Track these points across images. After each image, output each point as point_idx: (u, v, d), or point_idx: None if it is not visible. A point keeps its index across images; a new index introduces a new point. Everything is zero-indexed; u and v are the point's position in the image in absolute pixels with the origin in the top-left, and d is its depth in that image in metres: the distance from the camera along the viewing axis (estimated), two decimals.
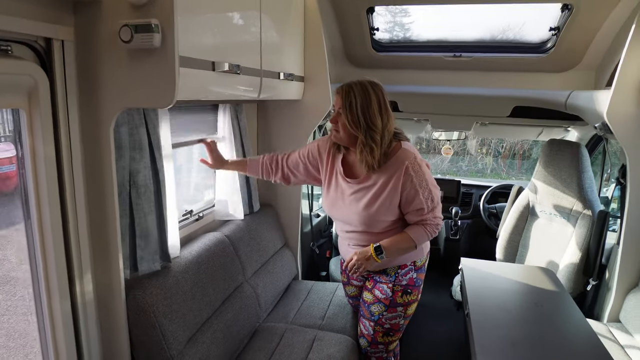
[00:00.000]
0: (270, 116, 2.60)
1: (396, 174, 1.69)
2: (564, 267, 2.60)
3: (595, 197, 2.65)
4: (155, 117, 1.63)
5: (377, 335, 1.90)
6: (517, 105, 2.78)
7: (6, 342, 1.36)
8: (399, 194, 1.71)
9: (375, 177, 1.73)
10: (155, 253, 1.64)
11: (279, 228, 2.64)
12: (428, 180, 1.72)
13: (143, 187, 1.57)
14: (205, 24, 1.47)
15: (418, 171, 1.70)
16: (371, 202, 1.74)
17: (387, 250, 1.74)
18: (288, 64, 2.22)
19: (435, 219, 1.77)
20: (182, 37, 1.31)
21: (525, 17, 2.66)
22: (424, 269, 1.94)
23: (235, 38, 1.68)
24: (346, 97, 1.67)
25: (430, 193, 1.73)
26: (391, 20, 3.06)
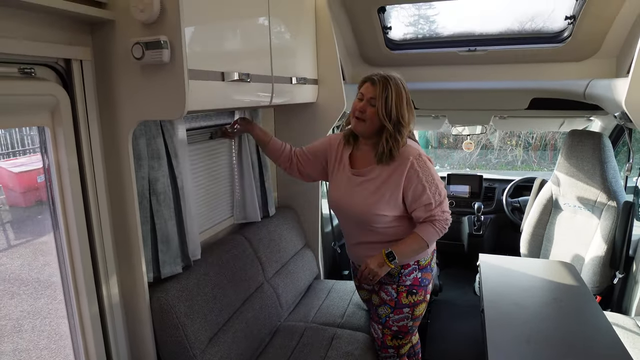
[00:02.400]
0: (287, 119, 2.66)
1: (399, 169, 1.72)
2: (589, 260, 2.55)
3: (620, 187, 2.58)
4: (172, 127, 1.71)
5: (386, 338, 1.90)
6: (535, 97, 2.73)
7: (48, 344, 1.46)
8: (401, 189, 1.73)
9: (379, 170, 1.76)
10: (176, 257, 1.72)
11: (299, 229, 2.70)
12: (434, 175, 1.73)
13: (162, 195, 1.65)
14: (214, 36, 1.54)
15: (424, 167, 1.71)
16: (373, 194, 1.76)
17: (399, 254, 1.74)
18: (300, 68, 2.27)
19: (444, 213, 1.76)
20: (191, 51, 1.38)
21: (540, 7, 2.62)
22: (430, 269, 1.90)
23: (245, 46, 1.74)
24: (383, 89, 1.70)
25: (437, 188, 1.73)
26: (405, 18, 3.06)
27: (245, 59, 1.74)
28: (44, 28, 1.28)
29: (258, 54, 1.85)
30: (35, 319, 1.46)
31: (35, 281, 1.50)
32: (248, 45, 1.77)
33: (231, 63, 1.62)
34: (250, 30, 1.79)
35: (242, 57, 1.72)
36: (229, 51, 1.63)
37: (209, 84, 1.49)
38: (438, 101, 3.07)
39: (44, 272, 1.50)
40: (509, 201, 3.55)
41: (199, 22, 1.45)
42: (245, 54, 1.74)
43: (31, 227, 1.64)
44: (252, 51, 1.80)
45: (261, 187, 2.42)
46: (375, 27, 2.76)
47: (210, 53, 1.52)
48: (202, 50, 1.47)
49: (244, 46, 1.74)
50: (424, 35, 3.05)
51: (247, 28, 1.76)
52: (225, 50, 1.60)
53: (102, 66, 1.45)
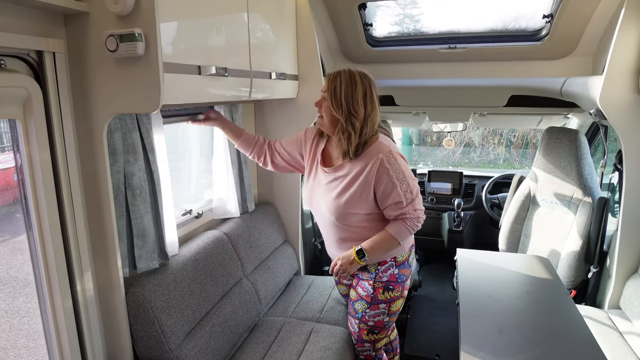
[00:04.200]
0: (267, 115, 2.66)
1: (369, 166, 1.69)
2: (565, 255, 2.59)
3: (596, 184, 2.63)
4: (148, 121, 1.69)
5: (362, 333, 1.91)
6: (513, 94, 2.78)
7: (27, 342, 1.44)
8: (372, 187, 1.71)
9: (349, 167, 1.75)
10: (153, 252, 1.71)
11: (279, 225, 2.70)
12: (405, 172, 1.71)
13: (138, 189, 1.64)
14: (190, 30, 1.53)
15: (394, 164, 1.69)
16: (342, 192, 1.75)
17: (369, 251, 1.75)
18: (280, 63, 2.27)
19: (416, 211, 1.73)
20: (167, 44, 1.37)
21: (518, 5, 2.65)
22: (408, 265, 1.89)
23: (222, 41, 1.74)
24: (332, 81, 1.72)
25: (409, 185, 1.70)
26: (388, 17, 3.07)
27: (222, 53, 1.73)
28: (15, 19, 1.26)
29: (236, 48, 1.84)
30: (14, 318, 1.43)
31: (14, 280, 1.47)
32: (226, 40, 1.76)
33: (208, 57, 1.61)
34: (229, 24, 1.78)
35: (219, 51, 1.71)
36: (206, 45, 1.62)
37: (185, 78, 1.48)
38: (418, 98, 3.10)
39: (22, 270, 1.47)
40: (488, 197, 3.61)
41: (175, 14, 1.44)
42: (222, 48, 1.74)
43: (9, 225, 1.61)
44: (230, 45, 1.79)
45: (240, 183, 2.41)
46: (356, 24, 2.77)
47: (186, 46, 1.50)
48: (178, 43, 1.46)
49: (222, 40, 1.73)
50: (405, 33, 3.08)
51: (225, 22, 1.76)
52: (202, 44, 1.59)
53: (76, 59, 1.44)
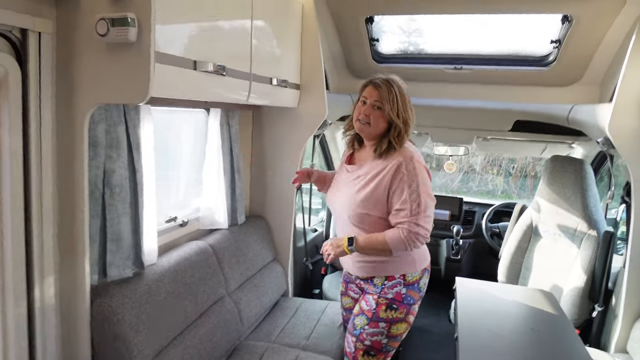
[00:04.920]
0: (265, 123, 2.54)
1: (387, 168, 1.68)
2: (568, 291, 2.46)
3: (601, 217, 2.53)
4: (137, 115, 1.57)
5: (357, 353, 1.77)
6: (518, 119, 2.70)
7: None
8: (387, 190, 1.67)
9: (369, 166, 1.75)
10: (127, 258, 1.55)
11: (269, 241, 2.55)
12: (420, 183, 1.65)
13: (118, 188, 1.50)
14: (189, 22, 1.43)
15: (412, 171, 1.65)
16: (361, 189, 1.73)
17: (359, 244, 1.71)
18: (282, 70, 2.17)
19: (417, 227, 1.63)
20: (161, 33, 1.27)
21: (527, 29, 2.62)
22: (418, 288, 1.79)
23: (223, 38, 1.63)
24: (388, 91, 1.71)
25: (419, 197, 1.64)
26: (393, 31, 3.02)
27: (222, 50, 1.62)
28: None
29: (237, 48, 1.73)
30: None
31: None
32: (227, 37, 1.66)
33: (206, 52, 1.50)
34: (231, 22, 1.68)
35: (219, 48, 1.60)
36: (205, 40, 1.51)
37: (178, 71, 1.37)
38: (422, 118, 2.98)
39: None
40: (488, 226, 3.48)
41: (173, 3, 1.34)
42: (222, 46, 1.63)
43: None
44: (231, 44, 1.69)
45: (231, 192, 2.28)
46: (363, 38, 2.70)
47: (183, 38, 1.40)
48: (173, 33, 1.35)
49: (222, 37, 1.63)
50: (412, 51, 3.02)
51: (228, 19, 1.66)
52: (200, 38, 1.48)
53: (64, 41, 1.33)
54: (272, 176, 2.56)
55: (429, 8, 2.48)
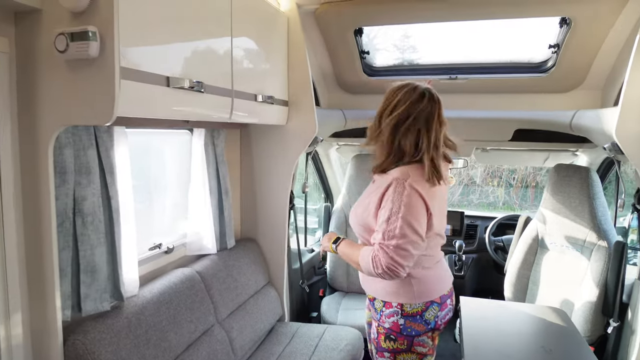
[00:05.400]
0: (254, 142, 2.46)
1: (383, 185, 1.56)
2: (580, 306, 2.33)
3: (610, 226, 2.41)
4: (110, 138, 1.48)
5: None
6: (518, 128, 2.60)
7: None
8: (375, 209, 1.56)
9: (377, 181, 1.66)
10: (104, 291, 1.45)
11: (262, 264, 2.44)
12: (403, 209, 1.46)
13: (90, 216, 1.40)
14: (160, 34, 1.34)
15: (399, 193, 1.48)
16: (360, 204, 1.68)
17: (340, 246, 1.70)
18: (267, 85, 2.09)
19: (386, 256, 1.44)
20: (127, 46, 1.19)
21: (524, 35, 2.54)
22: (424, 320, 1.62)
23: (199, 52, 1.55)
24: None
25: (397, 221, 1.45)
26: (384, 42, 2.96)
27: (199, 65, 1.54)
28: None
29: (216, 62, 1.65)
30: None
31: None
32: (204, 51, 1.58)
33: (181, 68, 1.42)
34: (208, 34, 1.60)
35: (195, 63, 1.52)
36: (180, 55, 1.43)
37: (148, 88, 1.28)
38: None
39: None
40: (491, 240, 3.35)
41: (141, 14, 1.26)
42: (199, 60, 1.55)
43: None
44: (209, 58, 1.61)
45: (219, 215, 2.18)
46: (352, 51, 2.63)
47: (153, 53, 1.32)
48: (142, 48, 1.27)
49: (199, 51, 1.55)
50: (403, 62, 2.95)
51: (204, 31, 1.58)
52: (174, 53, 1.41)
53: (24, 61, 1.26)
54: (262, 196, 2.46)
55: (419, 17, 2.41)
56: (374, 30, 2.79)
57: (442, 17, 2.37)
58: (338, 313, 2.78)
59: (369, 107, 2.98)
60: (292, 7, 2.25)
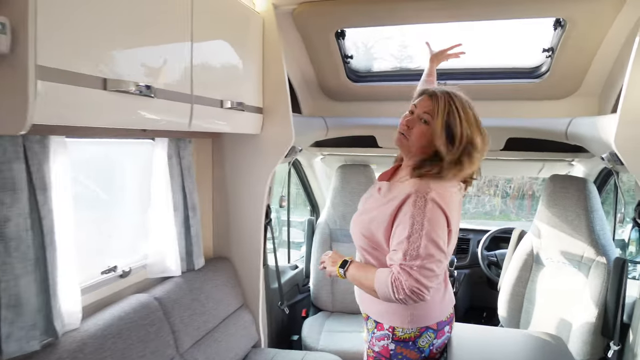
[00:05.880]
0: (227, 153, 2.27)
1: (397, 198, 1.41)
2: (578, 327, 2.17)
3: (609, 241, 2.26)
4: (42, 149, 1.29)
5: None
6: (510, 136, 2.44)
7: None
8: (390, 222, 1.40)
9: (386, 189, 1.51)
10: (32, 327, 1.24)
11: (235, 285, 2.24)
12: (426, 226, 1.32)
13: (15, 241, 1.20)
14: (96, 30, 1.15)
15: (420, 208, 1.34)
16: (371, 209, 1.50)
17: (350, 270, 1.50)
18: (238, 91, 1.91)
19: (408, 277, 1.30)
20: (48, 42, 1.00)
21: (516, 38, 2.42)
22: (417, 348, 1.49)
23: (149, 53, 1.36)
24: (447, 103, 1.43)
25: (419, 240, 1.32)
26: (369, 46, 2.82)
27: (148, 67, 1.35)
28: None
29: (171, 64, 1.47)
30: None
31: None
32: (155, 51, 1.39)
33: (123, 69, 1.23)
34: (162, 32, 1.41)
35: (143, 64, 1.33)
36: (121, 53, 1.24)
37: (79, 92, 1.09)
38: None
39: None
40: (484, 255, 3.17)
41: (69, 5, 1.07)
42: (149, 61, 1.36)
43: None
44: (162, 59, 1.42)
45: (185, 233, 1.98)
46: (334, 55, 2.47)
47: (84, 50, 1.12)
48: (69, 43, 1.07)
49: (149, 51, 1.36)
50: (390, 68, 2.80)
51: (157, 29, 1.39)
52: (113, 51, 1.21)
53: None
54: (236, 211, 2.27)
55: (403, 18, 2.25)
56: (375, 45, 2.72)
57: (429, 18, 2.22)
58: (320, 336, 2.58)
59: (354, 115, 2.86)
60: (268, 7, 2.08)
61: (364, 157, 3.05)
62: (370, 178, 3.00)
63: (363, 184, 2.98)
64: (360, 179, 3.00)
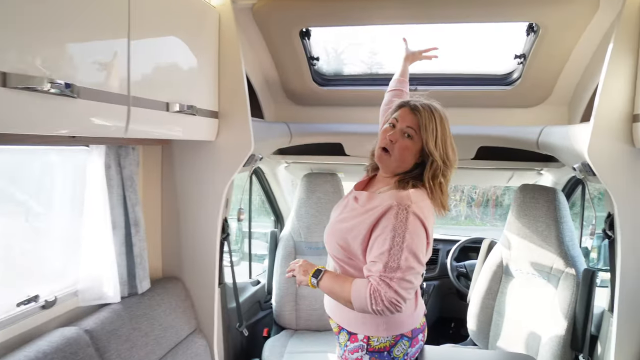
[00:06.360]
0: (178, 161, 2.05)
1: (376, 208, 1.40)
2: (547, 340, 2.11)
3: (578, 252, 2.21)
4: None
5: None
6: (482, 145, 2.35)
7: None
8: (368, 233, 1.39)
9: (365, 199, 1.49)
10: None
11: (188, 308, 2.01)
12: (407, 238, 1.33)
13: None
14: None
15: (403, 221, 1.34)
16: (348, 218, 1.48)
17: (323, 280, 1.46)
18: (187, 93, 1.70)
19: (388, 288, 1.30)
20: None
21: (488, 44, 2.37)
22: (389, 357, 1.48)
23: (70, 46, 1.14)
24: (430, 117, 1.45)
25: (400, 252, 1.32)
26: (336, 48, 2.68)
27: (70, 62, 1.13)
28: None
29: (102, 60, 1.25)
30: None
31: None
32: (78, 42, 1.16)
33: (34, 62, 1.01)
34: (86, 18, 1.17)
35: (62, 58, 1.11)
36: (30, 40, 1.01)
37: None
38: None
39: None
40: (454, 266, 3.07)
41: None
42: (71, 56, 1.14)
43: None
44: (89, 54, 1.20)
45: (127, 253, 1.75)
46: (299, 56, 2.31)
47: None
48: None
49: (69, 41, 1.13)
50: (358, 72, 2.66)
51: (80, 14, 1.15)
52: (16, 36, 0.98)
53: None
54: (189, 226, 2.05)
55: (371, 19, 2.11)
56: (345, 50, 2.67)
57: (397, 19, 2.11)
58: (282, 358, 2.39)
59: (320, 121, 2.69)
60: (225, 1, 1.88)
61: (331, 165, 2.89)
62: (338, 187, 2.84)
63: (330, 194, 2.81)
64: (326, 188, 2.83)
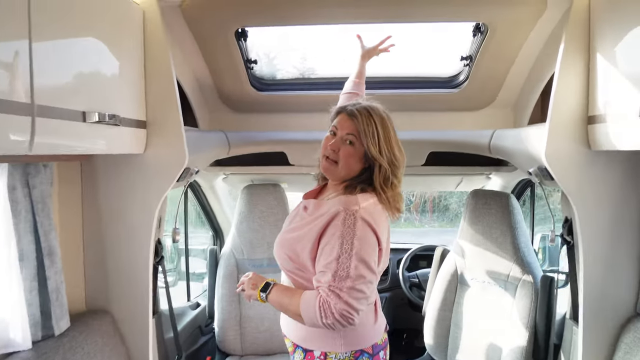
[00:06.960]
0: (101, 179, 1.78)
1: (324, 215, 1.36)
2: (509, 351, 2.06)
3: (534, 258, 2.20)
4: None
5: None
6: (432, 150, 2.29)
7: None
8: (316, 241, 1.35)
9: (314, 207, 1.46)
10: None
11: (118, 344, 1.76)
12: (356, 246, 1.29)
13: None
14: None
15: (351, 227, 1.31)
16: (295, 228, 1.46)
17: (273, 293, 1.42)
18: (109, 101, 1.47)
19: (338, 299, 1.26)
20: None
21: (434, 46, 2.35)
22: None
23: None
24: (367, 121, 1.41)
25: (349, 261, 1.28)
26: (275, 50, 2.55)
27: None
28: None
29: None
30: None
31: None
32: None
33: None
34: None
35: None
36: None
37: None
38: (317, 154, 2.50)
39: None
40: (406, 276, 3.00)
41: None
42: None
43: None
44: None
45: (39, 288, 1.47)
46: (235, 58, 2.13)
47: None
48: None
49: None
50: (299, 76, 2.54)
51: None
52: None
53: None
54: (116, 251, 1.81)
55: (312, 18, 2.00)
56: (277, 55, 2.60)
57: (336, 18, 2.01)
58: None
59: (260, 128, 2.52)
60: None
61: (274, 175, 2.72)
62: (282, 199, 2.68)
63: (273, 206, 2.64)
64: (269, 201, 2.65)
